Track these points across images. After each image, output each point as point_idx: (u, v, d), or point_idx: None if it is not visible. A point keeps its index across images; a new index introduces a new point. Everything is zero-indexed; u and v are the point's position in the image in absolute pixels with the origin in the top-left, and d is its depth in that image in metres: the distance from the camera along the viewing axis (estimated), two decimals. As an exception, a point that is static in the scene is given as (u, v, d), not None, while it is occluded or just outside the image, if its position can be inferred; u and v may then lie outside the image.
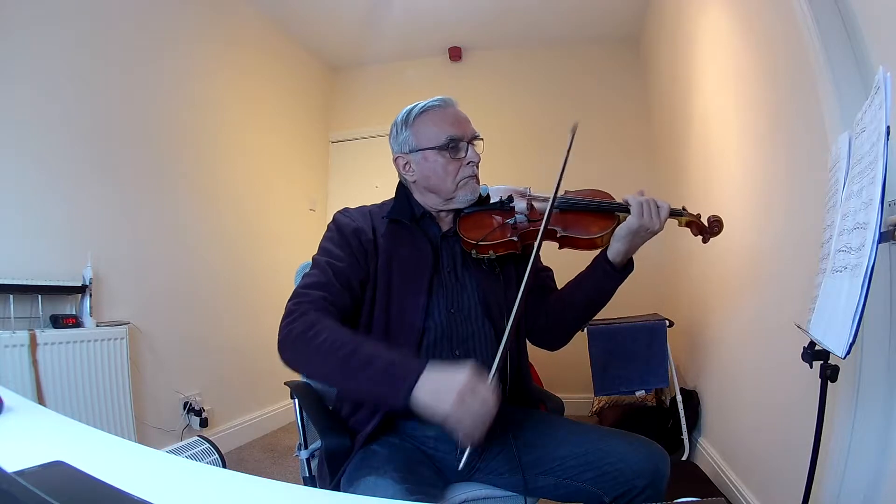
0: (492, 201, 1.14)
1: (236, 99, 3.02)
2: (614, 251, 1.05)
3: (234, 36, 3.02)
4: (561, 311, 1.14)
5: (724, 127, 1.97)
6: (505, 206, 1.11)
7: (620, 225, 1.04)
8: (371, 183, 3.65)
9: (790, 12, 1.22)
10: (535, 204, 1.12)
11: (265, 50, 3.30)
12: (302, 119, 3.72)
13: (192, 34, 2.70)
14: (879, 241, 0.73)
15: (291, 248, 3.38)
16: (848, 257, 0.80)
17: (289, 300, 1.01)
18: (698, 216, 1.10)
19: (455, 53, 3.79)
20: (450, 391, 0.79)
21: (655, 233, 1.03)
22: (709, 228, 1.09)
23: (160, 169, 2.45)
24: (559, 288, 1.22)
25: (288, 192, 3.50)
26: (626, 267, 1.07)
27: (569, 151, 1.04)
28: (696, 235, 1.12)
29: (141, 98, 2.36)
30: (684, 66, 2.48)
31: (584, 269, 1.12)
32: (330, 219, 1.17)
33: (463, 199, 1.11)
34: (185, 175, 2.62)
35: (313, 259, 1.08)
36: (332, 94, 4.06)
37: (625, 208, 1.05)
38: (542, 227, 0.97)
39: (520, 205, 1.12)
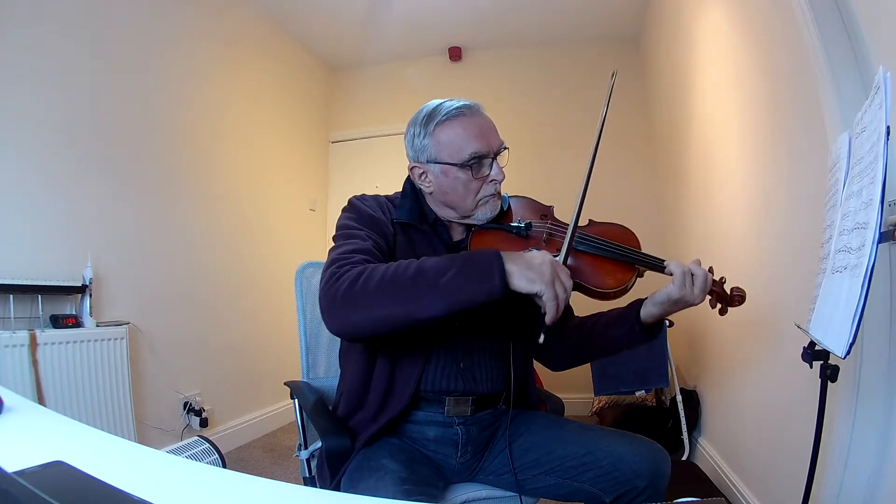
0: (512, 223, 1.05)
1: (236, 99, 3.02)
2: (647, 313, 0.99)
3: (234, 36, 3.02)
4: (576, 345, 1.10)
5: (724, 127, 1.97)
6: (521, 233, 1.03)
7: (659, 292, 0.95)
8: (371, 183, 3.65)
9: (790, 12, 1.22)
10: (555, 235, 1.03)
11: (265, 50, 3.30)
12: (302, 119, 3.72)
13: (192, 34, 2.70)
14: (879, 241, 0.73)
15: (291, 248, 3.38)
16: (848, 257, 0.80)
17: (326, 267, 0.90)
18: (721, 281, 0.99)
19: (455, 53, 3.79)
20: (544, 266, 0.80)
21: (694, 305, 0.95)
22: (729, 299, 0.98)
23: (160, 169, 2.45)
24: (570, 306, 1.17)
25: (288, 192, 3.50)
26: (654, 328, 1.02)
27: (608, 104, 0.96)
28: (713, 307, 0.98)
29: (141, 98, 2.36)
30: (684, 66, 2.48)
31: (612, 309, 1.07)
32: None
33: (482, 217, 1.04)
34: (185, 175, 2.61)
35: (342, 234, 0.99)
36: (332, 94, 4.06)
37: (650, 264, 0.98)
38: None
39: (537, 234, 1.04)
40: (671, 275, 0.94)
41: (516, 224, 1.04)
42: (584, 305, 1.14)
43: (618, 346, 1.06)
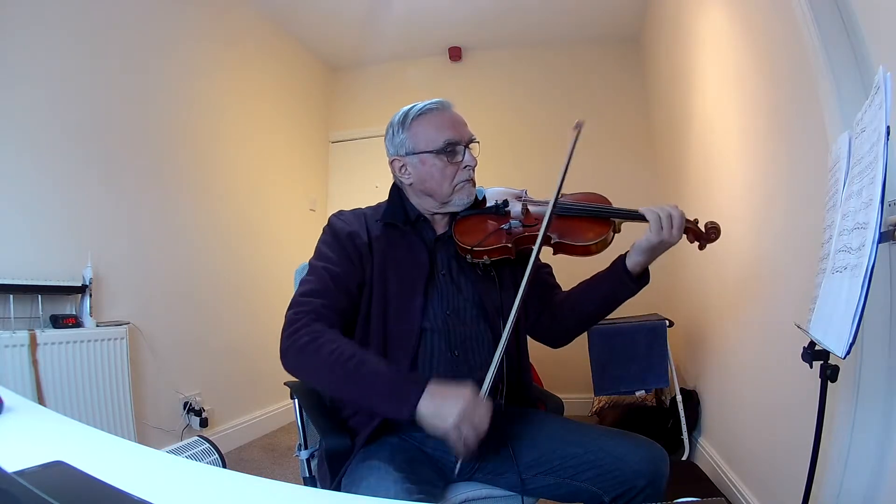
0: (487, 205, 1.13)
1: (236, 99, 3.02)
2: (633, 262, 1.05)
3: (234, 36, 3.02)
4: (569, 313, 1.14)
5: (724, 127, 1.97)
6: (500, 211, 1.11)
7: (639, 240, 1.03)
8: (371, 183, 3.64)
9: (790, 12, 1.21)
10: (531, 208, 1.12)
11: (265, 50, 3.30)
12: (302, 119, 3.72)
13: (192, 34, 2.70)
14: (879, 241, 0.73)
15: (291, 248, 3.38)
16: (848, 257, 0.80)
17: (288, 309, 1.01)
18: (695, 221, 1.08)
19: (455, 53, 3.79)
20: (451, 411, 0.84)
21: (673, 244, 1.03)
22: (706, 235, 1.08)
23: (160, 169, 2.45)
24: (558, 283, 1.23)
25: (288, 192, 3.50)
26: (643, 278, 1.08)
27: (572, 151, 1.03)
28: (692, 242, 1.09)
29: (141, 98, 2.36)
30: (684, 66, 2.48)
31: (597, 272, 1.11)
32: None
33: (459, 203, 1.11)
34: (185, 175, 2.61)
35: (310, 264, 1.09)
36: (332, 94, 4.06)
37: (624, 214, 1.06)
38: (540, 234, 0.97)
39: (515, 209, 1.12)
40: (647, 220, 1.02)
41: (493, 205, 1.13)
42: (571, 273, 1.19)
43: (612, 301, 1.10)
